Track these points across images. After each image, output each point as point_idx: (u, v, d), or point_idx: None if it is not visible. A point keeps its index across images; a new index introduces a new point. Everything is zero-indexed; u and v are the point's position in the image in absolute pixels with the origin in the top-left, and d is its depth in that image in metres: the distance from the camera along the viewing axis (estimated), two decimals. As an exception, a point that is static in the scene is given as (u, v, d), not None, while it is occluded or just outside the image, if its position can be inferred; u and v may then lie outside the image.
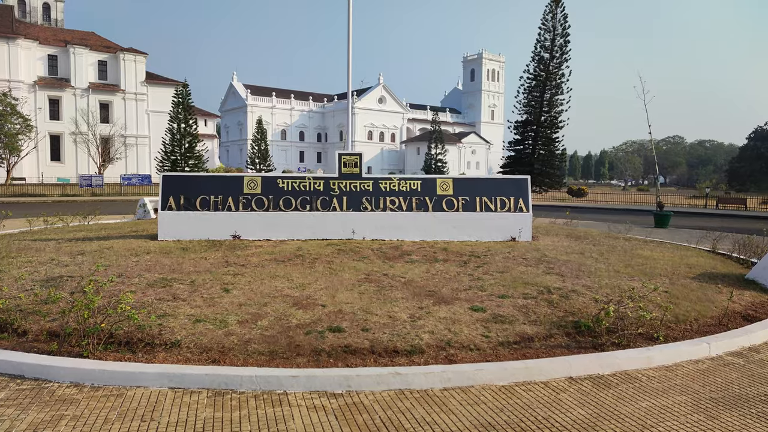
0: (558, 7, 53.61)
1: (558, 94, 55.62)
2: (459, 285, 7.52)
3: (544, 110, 55.70)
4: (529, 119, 56.93)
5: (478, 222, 11.69)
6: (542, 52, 55.71)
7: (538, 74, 56.02)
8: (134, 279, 7.40)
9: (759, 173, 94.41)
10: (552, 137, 56.06)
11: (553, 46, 54.92)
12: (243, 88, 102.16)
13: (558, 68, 55.29)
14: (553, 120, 56.12)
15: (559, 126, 56.57)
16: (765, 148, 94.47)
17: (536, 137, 55.88)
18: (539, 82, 55.76)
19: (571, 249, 10.85)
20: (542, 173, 52.94)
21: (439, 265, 8.95)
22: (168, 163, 49.54)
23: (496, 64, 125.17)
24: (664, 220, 21.46)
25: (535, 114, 56.27)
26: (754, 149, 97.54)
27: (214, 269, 8.23)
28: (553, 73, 55.36)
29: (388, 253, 9.87)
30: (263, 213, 11.39)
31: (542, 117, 55.57)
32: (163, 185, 11.36)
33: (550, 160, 55.29)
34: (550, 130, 56.26)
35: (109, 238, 11.60)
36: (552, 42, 54.70)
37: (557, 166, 55.91)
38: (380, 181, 11.78)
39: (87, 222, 16.39)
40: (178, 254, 9.46)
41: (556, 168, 56.38)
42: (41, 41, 62.99)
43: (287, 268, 8.38)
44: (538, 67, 56.15)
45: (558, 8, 53.55)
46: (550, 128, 56.15)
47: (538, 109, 55.98)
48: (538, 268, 8.74)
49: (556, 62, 55.23)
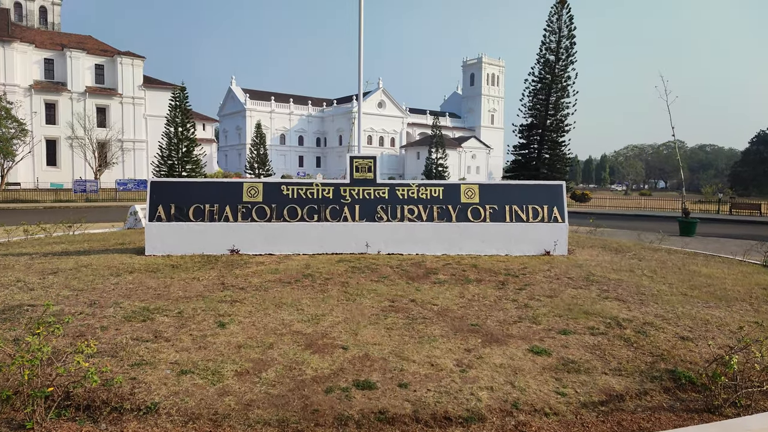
0: (564, 8, 52.42)
1: (564, 97, 54.33)
2: (505, 315, 6.18)
3: (549, 113, 54.39)
4: (534, 123, 55.64)
5: (508, 234, 10.36)
6: (548, 55, 54.43)
7: (544, 77, 54.75)
8: (108, 309, 6.04)
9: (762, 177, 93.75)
10: (558, 141, 54.75)
11: (558, 48, 53.66)
12: (242, 92, 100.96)
13: (564, 71, 54.04)
14: (559, 123, 54.84)
15: (566, 130, 55.28)
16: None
17: (542, 141, 54.59)
18: (545, 85, 54.47)
19: (617, 265, 9.52)
20: (548, 178, 51.59)
21: (472, 287, 7.61)
22: (165, 168, 48.12)
23: (496, 69, 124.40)
24: (691, 228, 20.15)
25: (540, 117, 54.96)
26: (757, 153, 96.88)
27: (208, 294, 6.88)
28: (559, 76, 54.11)
29: (410, 272, 8.53)
30: (265, 224, 10.05)
31: (548, 120, 54.27)
32: (151, 192, 10.02)
33: (556, 164, 53.99)
34: (556, 134, 54.94)
35: (90, 253, 10.24)
36: (558, 44, 53.46)
37: (564, 170, 54.64)
38: (397, 188, 10.44)
39: (72, 232, 15.04)
40: (166, 274, 8.11)
41: (563, 173, 55.11)
42: (37, 45, 62.01)
43: (295, 293, 7.03)
44: (544, 70, 54.87)
45: (564, 9, 52.36)
46: (556, 132, 54.85)
47: (543, 112, 54.68)
48: (590, 291, 7.41)
49: (562, 65, 53.97)
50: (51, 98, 61.15)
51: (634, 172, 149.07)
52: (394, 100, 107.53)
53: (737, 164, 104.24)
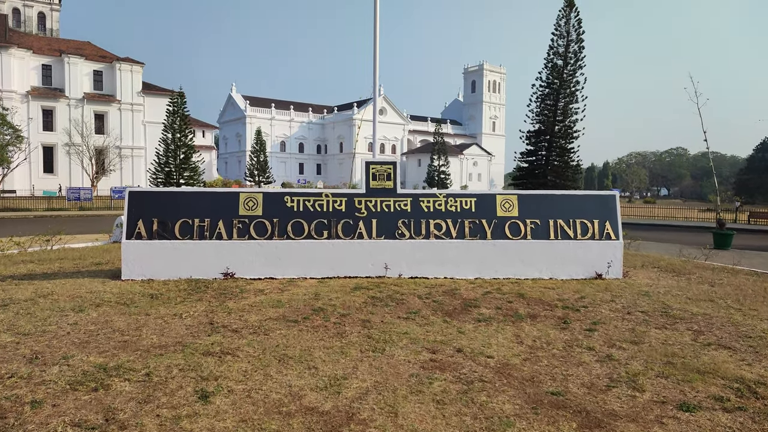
0: (572, 10, 51.21)
1: (573, 102, 53.01)
2: (589, 374, 4.57)
3: (557, 119, 53.02)
4: (542, 129, 54.25)
5: (553, 253, 8.76)
6: (555, 59, 53.20)
7: (552, 82, 53.44)
8: (52, 369, 4.44)
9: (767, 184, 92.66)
10: (567, 147, 53.31)
11: (567, 53, 52.38)
12: (242, 99, 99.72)
13: (572, 75, 52.75)
14: (567, 129, 53.43)
15: (574, 136, 53.92)
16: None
17: (550, 147, 53.15)
18: (552, 90, 53.15)
19: (689, 292, 7.92)
20: (557, 185, 50.11)
21: (528, 326, 6.01)
22: (162, 175, 46.58)
23: (498, 76, 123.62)
24: (727, 240, 18.58)
25: (548, 123, 53.57)
26: (762, 161, 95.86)
27: (191, 340, 5.28)
28: (567, 81, 52.80)
29: (444, 304, 6.92)
30: (265, 242, 8.45)
31: (556, 126, 52.88)
32: (130, 205, 8.43)
33: (566, 171, 52.52)
34: (565, 140, 53.53)
35: (57, 276, 8.64)
36: (566, 48, 52.18)
37: (573, 178, 53.14)
38: (421, 199, 8.85)
39: (50, 246, 13.47)
40: (141, 308, 6.51)
41: (572, 180, 53.63)
42: (35, 51, 60.97)
43: (304, 337, 5.42)
44: (552, 75, 53.59)
45: (572, 12, 51.15)
46: (565, 138, 53.43)
47: (551, 118, 53.30)
48: (680, 333, 5.81)
49: (571, 69, 52.68)
50: (48, 104, 60.08)
51: (637, 179, 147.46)
52: (395, 107, 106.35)
53: (742, 171, 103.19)
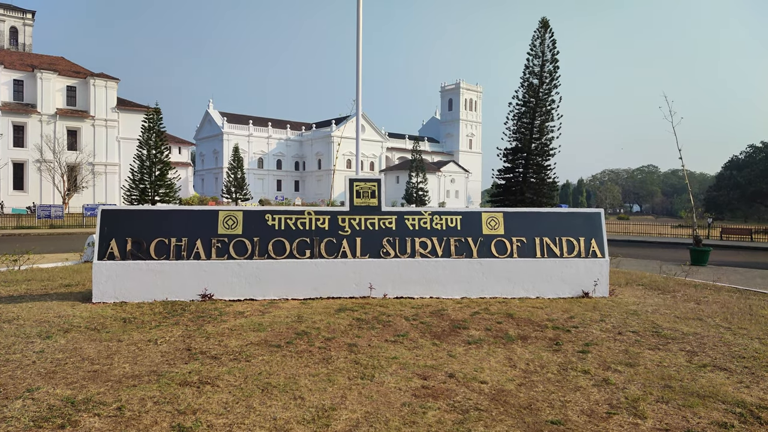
0: (547, 31, 52.37)
1: (548, 120, 54.01)
2: (587, 400, 4.39)
3: (534, 137, 53.87)
4: (519, 146, 55.04)
5: (539, 271, 8.63)
6: (531, 78, 54.25)
7: (528, 100, 54.40)
8: (15, 403, 4.07)
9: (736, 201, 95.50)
10: (543, 165, 54.12)
11: (542, 72, 53.46)
12: (219, 115, 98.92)
13: (548, 94, 53.81)
14: (544, 147, 54.29)
15: (551, 153, 54.80)
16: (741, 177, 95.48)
17: (527, 165, 53.87)
18: (529, 109, 54.09)
19: (677, 311, 7.86)
20: (534, 202, 50.65)
21: (520, 349, 5.82)
22: (136, 192, 45.56)
23: (474, 94, 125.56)
24: (703, 257, 18.79)
25: (525, 141, 54.38)
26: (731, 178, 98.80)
27: (167, 368, 4.95)
28: (543, 100, 53.82)
29: (432, 326, 6.70)
30: (245, 262, 8.14)
31: (533, 144, 53.69)
32: (102, 224, 8.05)
33: (542, 188, 53.22)
34: (542, 158, 54.35)
35: (23, 299, 8.17)
36: (541, 68, 53.27)
37: (550, 195, 53.84)
38: (406, 217, 8.66)
39: (17, 266, 12.86)
40: (113, 333, 6.13)
41: (549, 197, 54.30)
42: (6, 65, 59.67)
43: (288, 364, 5.14)
44: (528, 93, 54.56)
45: (547, 33, 52.30)
46: (542, 156, 54.26)
47: (528, 135, 54.13)
48: (674, 354, 5.69)
49: (546, 88, 53.73)
50: (20, 120, 58.66)
51: (611, 196, 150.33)
52: (374, 125, 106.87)
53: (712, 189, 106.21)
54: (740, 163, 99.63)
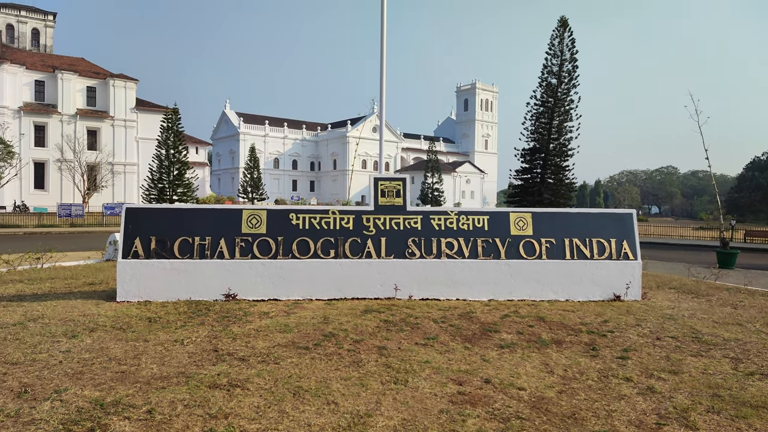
0: (566, 30, 51.77)
1: (567, 120, 53.34)
2: (633, 410, 4.18)
3: (552, 137, 53.26)
4: (537, 147, 54.47)
5: (569, 274, 8.41)
6: (550, 78, 53.65)
7: (546, 100, 53.82)
8: (44, 405, 3.99)
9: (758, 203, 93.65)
10: (562, 165, 53.48)
11: (561, 72, 52.85)
12: (235, 116, 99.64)
13: (566, 94, 53.15)
14: (562, 148, 53.66)
15: (569, 154, 54.14)
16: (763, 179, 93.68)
17: (545, 165, 53.29)
18: (547, 109, 53.51)
19: (714, 315, 7.58)
20: (552, 203, 50.11)
21: (555, 354, 5.62)
22: (155, 192, 45.98)
23: (490, 95, 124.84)
24: (731, 260, 18.34)
25: (543, 141, 53.80)
26: (753, 179, 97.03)
27: (195, 369, 4.85)
28: (562, 100, 53.20)
29: (462, 328, 6.53)
30: (269, 261, 8.04)
31: (551, 144, 53.09)
32: (127, 222, 8.00)
33: (561, 189, 52.60)
34: (560, 158, 53.72)
35: (48, 298, 8.16)
36: (560, 67, 52.65)
37: (568, 195, 53.18)
38: (432, 217, 8.49)
39: (40, 265, 12.95)
40: (139, 333, 6.06)
41: (567, 198, 53.67)
42: (28, 66, 60.68)
43: (318, 367, 5.00)
44: (546, 93, 53.99)
45: (566, 32, 51.70)
46: (560, 156, 53.63)
47: (546, 136, 53.55)
48: (717, 361, 5.45)
49: (565, 88, 53.10)
50: (41, 120, 59.63)
51: (629, 197, 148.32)
52: (389, 125, 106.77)
53: (733, 190, 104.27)
54: (762, 164, 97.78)
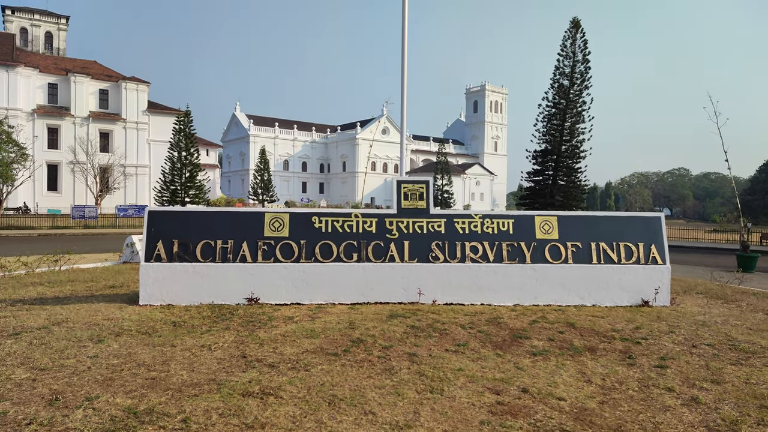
0: (578, 31, 51.43)
1: (579, 122, 52.90)
2: (680, 422, 4.03)
3: (564, 139, 52.85)
4: (548, 149, 54.07)
5: (595, 278, 8.25)
6: (562, 79, 53.27)
7: (558, 102, 53.45)
8: (76, 414, 3.91)
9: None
10: (574, 167, 53.04)
11: (573, 73, 52.49)
12: (246, 118, 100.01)
13: (579, 96, 52.76)
14: (574, 149, 53.24)
15: (581, 156, 53.69)
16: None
17: (557, 167, 52.89)
18: (559, 110, 53.12)
19: (748, 322, 7.39)
20: (564, 206, 49.73)
21: (590, 362, 5.48)
22: (167, 194, 46.25)
23: (499, 96, 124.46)
24: (751, 263, 18.04)
25: (555, 143, 53.41)
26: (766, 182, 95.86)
27: (225, 376, 4.76)
28: (574, 101, 52.82)
29: (490, 334, 6.40)
30: (292, 265, 7.95)
31: (563, 146, 52.69)
32: (149, 225, 7.95)
33: (573, 191, 52.18)
34: (572, 160, 53.28)
35: (70, 301, 8.13)
36: (572, 68, 52.29)
37: (580, 198, 52.73)
38: (456, 220, 8.37)
39: (58, 267, 12.95)
40: (165, 337, 5.99)
41: (579, 200, 53.22)
42: (42, 69, 61.31)
43: (349, 374, 4.90)
44: (558, 95, 53.62)
45: (578, 33, 51.36)
46: (572, 158, 53.20)
47: (558, 138, 53.17)
48: (758, 369, 5.27)
49: (577, 89, 52.72)
50: (54, 123, 60.19)
51: (641, 199, 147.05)
52: (398, 127, 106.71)
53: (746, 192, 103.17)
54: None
